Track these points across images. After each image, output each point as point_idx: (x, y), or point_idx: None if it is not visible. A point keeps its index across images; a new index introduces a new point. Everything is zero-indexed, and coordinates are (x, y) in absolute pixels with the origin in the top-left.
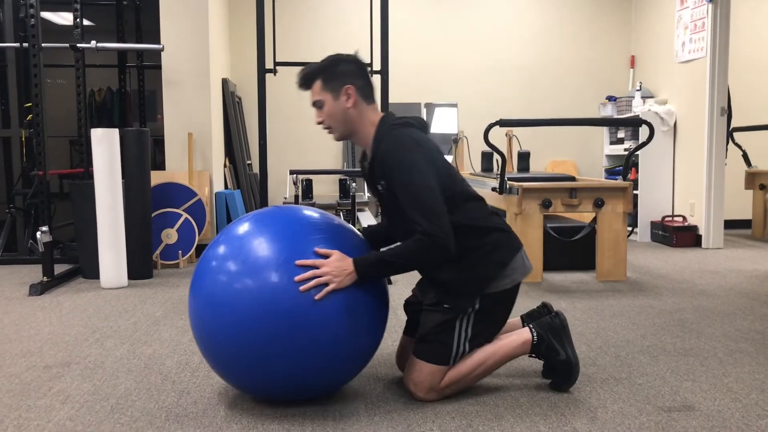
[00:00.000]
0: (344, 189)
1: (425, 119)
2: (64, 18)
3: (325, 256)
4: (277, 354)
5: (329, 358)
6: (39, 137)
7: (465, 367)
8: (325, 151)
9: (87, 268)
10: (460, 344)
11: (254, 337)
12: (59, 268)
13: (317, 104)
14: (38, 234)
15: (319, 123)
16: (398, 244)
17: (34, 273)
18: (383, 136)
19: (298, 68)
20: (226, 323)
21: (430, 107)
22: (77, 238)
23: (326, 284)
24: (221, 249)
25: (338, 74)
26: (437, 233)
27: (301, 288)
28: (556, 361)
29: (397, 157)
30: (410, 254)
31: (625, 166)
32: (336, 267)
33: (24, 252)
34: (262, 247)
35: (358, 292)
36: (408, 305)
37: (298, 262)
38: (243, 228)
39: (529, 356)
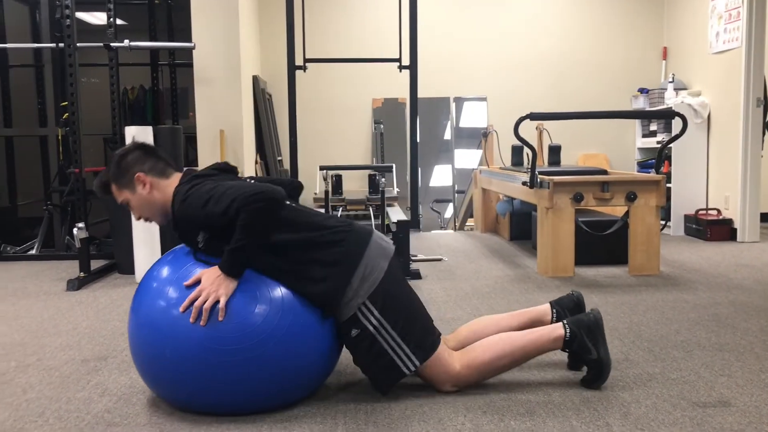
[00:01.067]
0: (374, 184)
1: (454, 114)
2: (98, 18)
3: (197, 282)
4: (215, 383)
5: (270, 383)
6: (75, 135)
7: (487, 355)
8: (355, 147)
9: (122, 263)
10: (396, 349)
11: (193, 363)
12: (95, 264)
13: (123, 204)
14: (75, 230)
15: (138, 219)
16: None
17: (71, 269)
18: (173, 198)
19: (329, 64)
20: (164, 346)
21: (459, 101)
22: (113, 234)
23: (217, 302)
24: (164, 270)
25: (124, 170)
26: (251, 198)
27: (201, 322)
28: (588, 360)
29: (188, 203)
30: (246, 228)
31: (658, 159)
32: (209, 283)
33: (61, 248)
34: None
35: (301, 315)
36: None
37: (181, 308)
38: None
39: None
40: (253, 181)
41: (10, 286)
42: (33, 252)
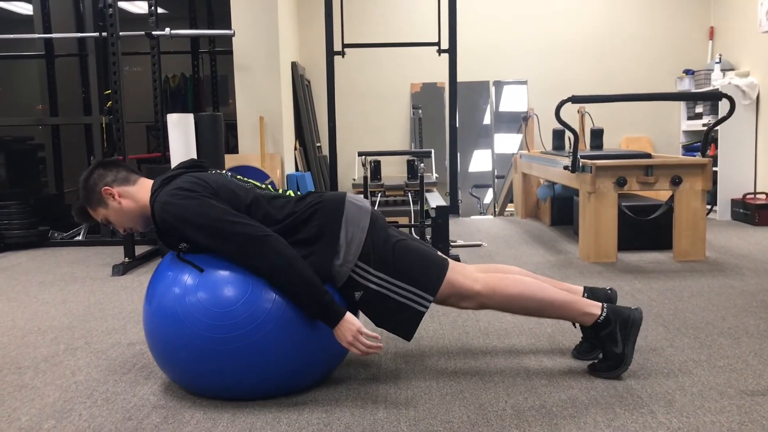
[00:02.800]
0: (412, 170)
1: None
2: (140, 7)
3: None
4: (228, 368)
5: (284, 371)
6: (118, 123)
7: (516, 289)
8: (394, 132)
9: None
10: (405, 293)
11: (204, 349)
12: (140, 249)
13: (104, 222)
14: None
15: (124, 232)
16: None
17: (116, 254)
18: (153, 206)
19: (367, 49)
20: (178, 335)
21: (498, 85)
22: None
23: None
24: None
25: (91, 189)
26: (251, 243)
27: (378, 350)
28: (610, 351)
29: (174, 216)
30: (275, 273)
31: (704, 142)
32: (344, 340)
33: (106, 234)
34: (218, 260)
35: None
36: None
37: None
38: None
39: (584, 330)
40: (230, 175)
41: (58, 271)
42: (79, 238)
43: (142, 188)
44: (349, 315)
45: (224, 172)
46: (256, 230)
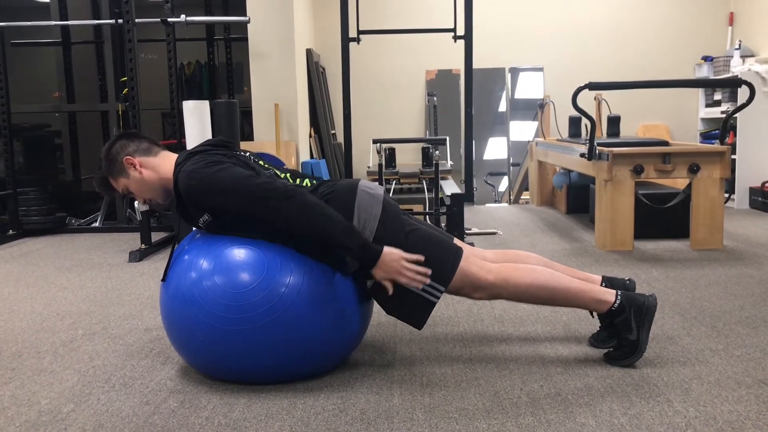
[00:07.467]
0: (427, 157)
1: (512, 86)
2: None
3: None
4: (242, 351)
5: (299, 355)
6: (134, 110)
7: (528, 279)
8: (409, 120)
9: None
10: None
11: (220, 332)
12: (156, 236)
13: (125, 192)
14: (135, 203)
15: (144, 203)
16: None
17: (132, 240)
18: (176, 178)
19: (382, 36)
20: (195, 319)
21: (514, 72)
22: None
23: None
24: (195, 243)
25: (113, 159)
26: (282, 200)
27: (425, 279)
28: (625, 338)
29: (201, 182)
30: (310, 225)
31: (723, 130)
32: (387, 272)
33: (123, 221)
34: (234, 245)
35: (326, 284)
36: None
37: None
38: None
39: (601, 319)
40: (249, 156)
41: (76, 257)
42: (96, 224)
43: (165, 160)
44: (387, 247)
45: (248, 154)
46: (284, 187)
